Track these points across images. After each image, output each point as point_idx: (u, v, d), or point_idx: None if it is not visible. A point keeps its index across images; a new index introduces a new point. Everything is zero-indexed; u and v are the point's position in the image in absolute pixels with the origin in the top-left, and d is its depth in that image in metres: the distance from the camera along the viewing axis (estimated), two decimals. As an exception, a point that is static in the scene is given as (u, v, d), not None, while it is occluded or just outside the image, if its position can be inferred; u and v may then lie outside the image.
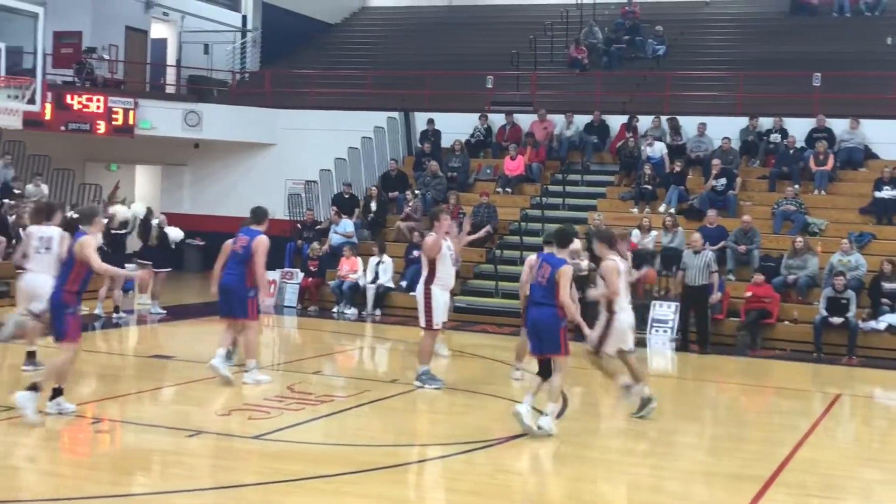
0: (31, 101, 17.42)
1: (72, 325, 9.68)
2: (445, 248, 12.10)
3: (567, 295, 9.61)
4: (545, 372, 9.92)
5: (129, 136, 23.60)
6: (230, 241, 11.99)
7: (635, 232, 19.12)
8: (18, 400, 9.35)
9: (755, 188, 21.14)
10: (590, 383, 13.86)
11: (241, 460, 8.74)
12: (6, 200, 19.63)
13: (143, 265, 18.02)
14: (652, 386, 13.75)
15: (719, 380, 15.28)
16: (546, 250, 10.20)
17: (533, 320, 9.85)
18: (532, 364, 10.82)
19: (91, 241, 9.77)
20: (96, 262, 9.66)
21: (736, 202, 20.19)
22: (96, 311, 17.43)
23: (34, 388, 9.46)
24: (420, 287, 12.19)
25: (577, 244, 18.28)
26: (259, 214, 12.00)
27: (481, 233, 17.73)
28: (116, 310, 17.19)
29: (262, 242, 11.65)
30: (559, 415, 10.43)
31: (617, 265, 10.52)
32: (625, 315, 10.67)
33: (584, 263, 18.26)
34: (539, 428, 9.66)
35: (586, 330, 10.13)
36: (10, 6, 18.53)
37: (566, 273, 9.65)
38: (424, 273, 12.15)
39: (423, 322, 12.15)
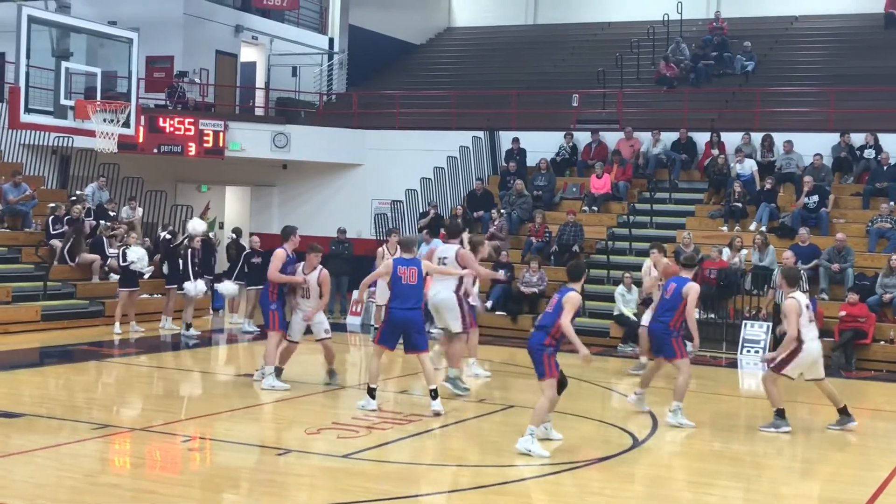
0: (126, 124, 17.86)
1: None
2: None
3: (567, 320, 9.68)
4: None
5: (220, 158, 24.04)
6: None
7: (725, 250, 18.84)
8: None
9: (848, 205, 20.67)
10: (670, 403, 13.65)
11: (330, 479, 8.78)
12: (102, 222, 20.13)
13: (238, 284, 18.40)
14: (743, 407, 13.49)
15: (812, 401, 14.87)
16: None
17: (528, 343, 10.10)
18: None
19: None
20: None
21: (828, 220, 19.76)
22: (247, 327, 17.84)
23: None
24: (451, 294, 12.84)
25: (665, 262, 18.14)
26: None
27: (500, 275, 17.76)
28: (187, 327, 17.45)
29: (275, 255, 12.69)
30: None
31: (797, 303, 11.28)
32: (814, 345, 11.51)
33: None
34: (524, 450, 9.66)
35: (582, 350, 9.86)
36: (107, 32, 19.09)
37: (571, 299, 9.74)
38: (454, 281, 12.85)
39: (458, 326, 12.85)
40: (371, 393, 11.50)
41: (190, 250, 17.83)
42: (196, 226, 18.15)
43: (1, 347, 15.50)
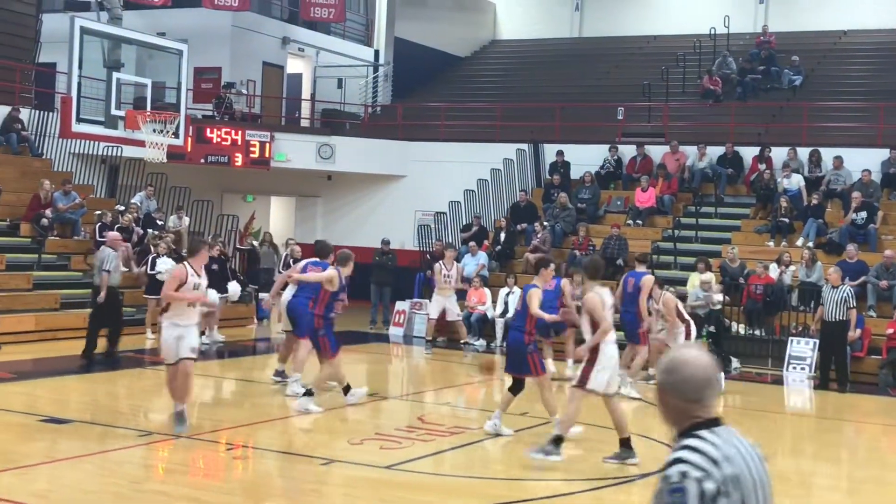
0: (176, 134, 18.06)
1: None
2: None
3: (536, 308, 10.44)
4: (516, 389, 10.91)
5: (265, 169, 24.23)
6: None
7: (772, 266, 18.67)
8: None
9: (898, 221, 20.41)
10: (724, 419, 13.55)
11: (372, 489, 8.80)
12: (150, 231, 20.36)
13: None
14: (789, 424, 13.34)
15: (859, 419, 14.71)
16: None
17: (507, 343, 10.96)
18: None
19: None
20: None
21: (877, 236, 19.52)
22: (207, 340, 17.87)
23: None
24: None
25: (709, 276, 18.04)
26: (322, 249, 13.22)
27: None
28: (202, 334, 17.54)
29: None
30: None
31: (599, 299, 9.88)
32: (615, 349, 10.04)
33: (718, 297, 17.97)
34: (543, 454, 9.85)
35: (552, 317, 11.50)
36: (157, 44, 19.35)
37: (532, 294, 10.51)
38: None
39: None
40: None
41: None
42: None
43: (49, 353, 15.71)
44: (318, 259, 13.04)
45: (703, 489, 3.03)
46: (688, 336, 14.25)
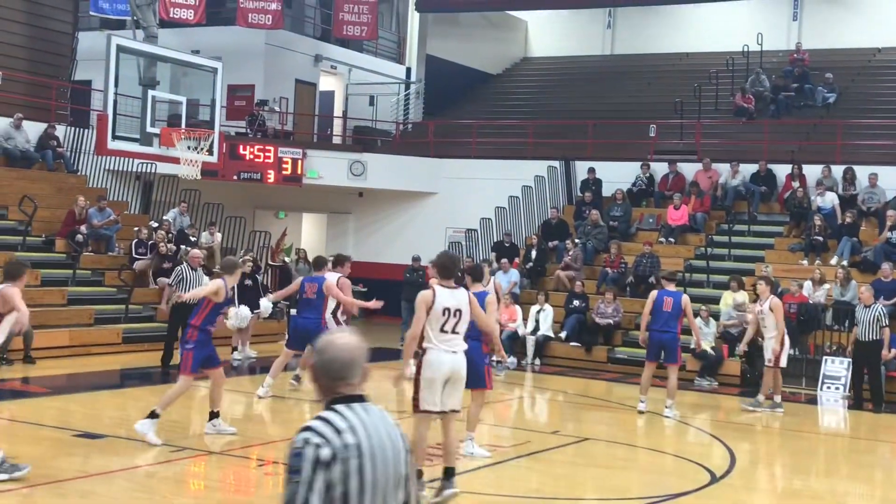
0: (210, 151, 18.20)
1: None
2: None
3: (486, 319, 9.10)
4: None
5: (298, 185, 24.35)
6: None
7: (807, 284, 18.52)
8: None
9: (934, 240, 20.17)
10: (756, 440, 13.44)
11: (403, 507, 8.77)
12: (183, 247, 20.49)
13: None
14: (822, 444, 13.22)
15: (894, 440, 14.54)
16: None
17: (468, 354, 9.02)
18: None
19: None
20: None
21: (913, 255, 19.31)
22: (249, 354, 17.95)
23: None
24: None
25: (743, 295, 17.93)
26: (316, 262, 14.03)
27: None
28: (234, 350, 17.64)
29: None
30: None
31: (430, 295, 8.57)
32: (445, 357, 8.51)
33: (751, 316, 17.84)
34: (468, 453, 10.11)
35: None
36: (193, 62, 19.52)
37: (489, 302, 9.65)
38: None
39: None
40: None
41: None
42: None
43: (83, 369, 15.82)
44: (314, 275, 13.85)
45: (318, 454, 3.40)
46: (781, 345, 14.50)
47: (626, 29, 32.27)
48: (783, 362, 14.80)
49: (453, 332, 8.50)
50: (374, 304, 13.96)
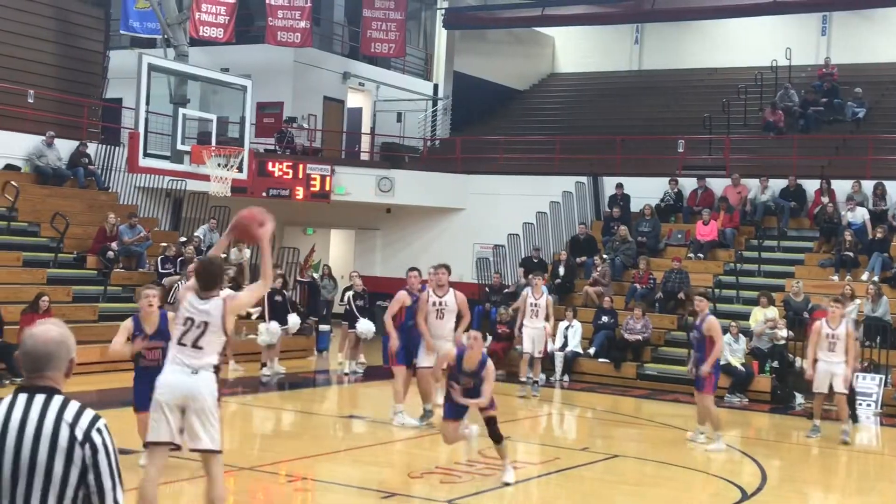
0: (240, 169, 18.33)
1: None
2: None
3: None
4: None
5: (326, 202, 24.46)
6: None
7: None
8: None
9: (966, 255, 19.99)
10: (786, 457, 13.34)
11: (432, 524, 8.78)
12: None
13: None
14: (855, 461, 13.12)
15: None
16: None
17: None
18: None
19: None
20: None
21: (945, 270, 19.14)
22: (346, 370, 18.00)
23: None
24: None
25: (773, 311, 17.82)
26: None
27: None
28: (263, 366, 17.70)
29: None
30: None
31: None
32: (172, 378, 7.20)
33: (783, 332, 17.75)
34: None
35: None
36: (223, 80, 19.70)
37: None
38: None
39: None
40: None
41: (266, 293, 18.19)
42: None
43: (114, 385, 15.90)
44: None
45: None
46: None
47: (654, 44, 32.25)
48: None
49: (193, 346, 7.07)
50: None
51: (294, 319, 18.44)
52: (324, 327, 21.71)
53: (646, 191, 23.23)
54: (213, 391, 7.06)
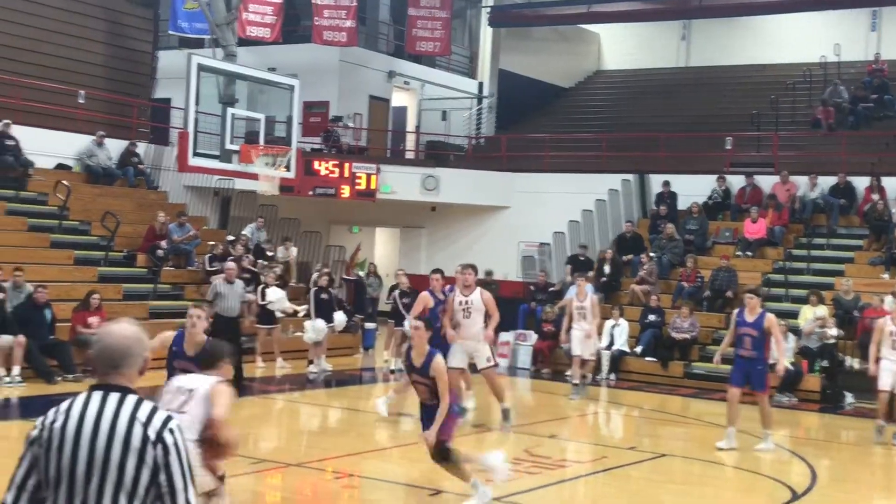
0: (287, 167, 18.46)
1: None
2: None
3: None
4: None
5: (371, 200, 24.54)
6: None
7: (888, 299, 18.12)
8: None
9: None
10: (836, 456, 13.20)
11: (479, 521, 8.79)
12: (260, 261, 20.78)
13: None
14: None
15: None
16: None
17: None
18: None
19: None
20: None
21: None
22: (392, 367, 18.04)
23: None
24: None
25: (823, 310, 17.61)
26: None
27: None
28: (310, 363, 17.79)
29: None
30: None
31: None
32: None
33: (833, 331, 17.56)
34: None
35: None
36: (271, 80, 19.85)
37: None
38: None
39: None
40: None
41: (314, 290, 18.29)
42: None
43: (164, 382, 16.09)
44: None
45: (30, 433, 3.53)
46: None
47: (701, 40, 32.01)
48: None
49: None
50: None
51: (340, 317, 18.52)
52: (370, 325, 21.80)
53: (693, 188, 23.04)
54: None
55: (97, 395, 3.52)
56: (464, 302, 12.70)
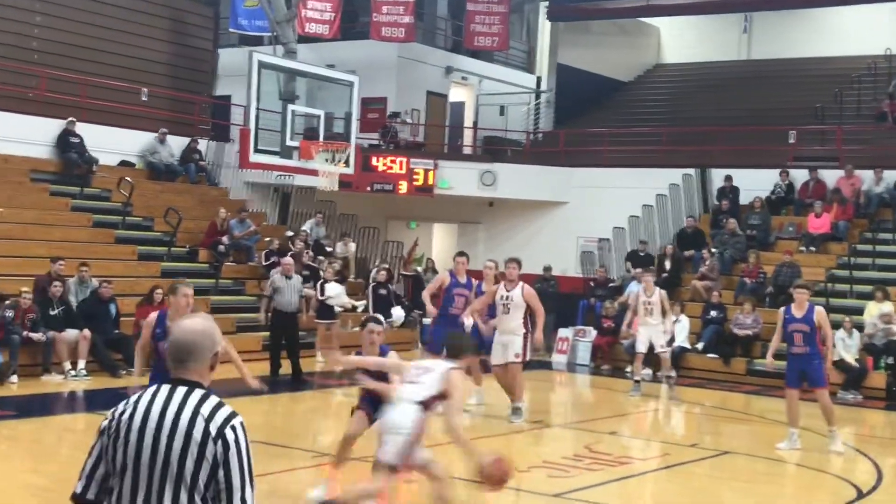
0: (347, 163, 18.54)
1: None
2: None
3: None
4: None
5: (429, 196, 24.55)
6: None
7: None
8: None
9: None
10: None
11: (540, 518, 8.76)
12: (319, 258, 20.91)
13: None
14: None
15: None
16: None
17: None
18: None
19: None
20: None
21: None
22: None
23: None
24: None
25: (889, 306, 17.30)
26: None
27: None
28: None
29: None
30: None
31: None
32: None
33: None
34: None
35: None
36: (330, 76, 19.94)
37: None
38: None
39: None
40: None
41: (372, 286, 18.35)
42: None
43: (226, 375, 16.23)
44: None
45: (102, 423, 3.60)
46: None
47: (763, 33, 31.54)
48: None
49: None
50: None
51: (398, 312, 18.58)
52: (427, 320, 21.81)
53: (755, 183, 22.73)
54: None
55: (165, 389, 3.55)
56: (505, 297, 12.68)
